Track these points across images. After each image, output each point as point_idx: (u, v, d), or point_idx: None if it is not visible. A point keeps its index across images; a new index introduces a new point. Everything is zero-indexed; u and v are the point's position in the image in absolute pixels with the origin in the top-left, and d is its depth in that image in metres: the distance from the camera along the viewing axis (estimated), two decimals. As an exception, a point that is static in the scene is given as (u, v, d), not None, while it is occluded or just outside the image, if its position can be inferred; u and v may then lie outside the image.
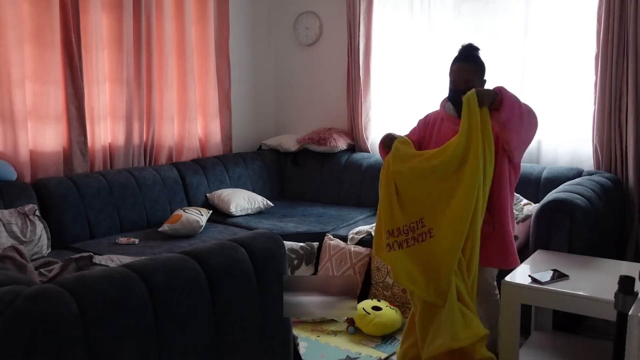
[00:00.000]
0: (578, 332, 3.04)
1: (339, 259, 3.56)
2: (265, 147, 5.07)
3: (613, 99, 3.52)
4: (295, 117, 5.22)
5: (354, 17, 4.54)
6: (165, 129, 4.29)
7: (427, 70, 4.31)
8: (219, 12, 4.66)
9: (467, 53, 2.62)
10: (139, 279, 1.52)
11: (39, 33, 3.50)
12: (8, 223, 3.09)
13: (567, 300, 2.33)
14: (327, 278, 3.31)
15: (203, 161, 4.47)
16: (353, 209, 4.32)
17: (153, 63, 4.13)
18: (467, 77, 2.55)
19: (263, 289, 1.83)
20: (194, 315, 1.61)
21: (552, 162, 3.89)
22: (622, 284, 1.45)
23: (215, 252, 1.75)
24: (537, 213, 2.99)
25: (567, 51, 3.78)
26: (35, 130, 3.57)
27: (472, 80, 2.54)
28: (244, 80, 5.05)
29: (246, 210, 4.19)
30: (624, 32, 3.44)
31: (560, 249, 2.86)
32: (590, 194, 3.04)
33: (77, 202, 3.53)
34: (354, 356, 2.93)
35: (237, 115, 4.96)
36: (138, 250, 3.31)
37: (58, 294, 1.36)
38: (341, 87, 4.82)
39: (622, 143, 3.54)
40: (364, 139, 4.67)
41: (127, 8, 3.90)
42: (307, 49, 5.06)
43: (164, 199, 4.02)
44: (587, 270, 2.60)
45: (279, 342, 1.92)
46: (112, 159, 4.00)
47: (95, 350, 1.38)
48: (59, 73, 3.61)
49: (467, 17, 4.17)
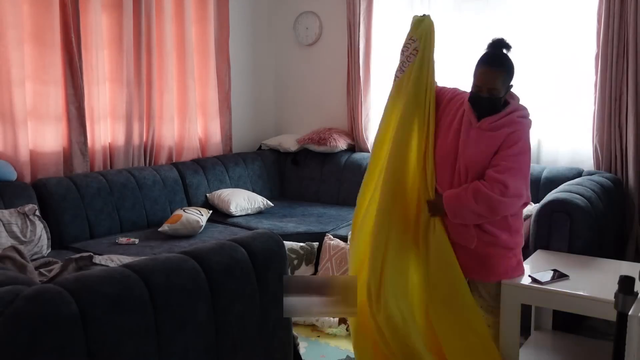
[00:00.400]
0: (578, 332, 3.04)
1: (339, 259, 3.55)
2: (265, 147, 5.07)
3: (613, 99, 3.52)
4: (295, 117, 5.22)
5: (354, 17, 4.54)
6: (165, 129, 4.29)
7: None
8: (219, 12, 4.66)
9: (497, 56, 2.41)
10: (139, 279, 1.52)
11: (39, 33, 3.50)
12: (8, 223, 3.09)
13: (567, 300, 2.33)
14: (327, 278, 3.31)
15: (203, 161, 4.47)
16: (353, 209, 4.29)
17: (153, 63, 4.13)
18: (492, 84, 2.35)
19: (263, 289, 1.83)
20: (194, 315, 1.61)
21: (552, 162, 3.89)
22: (622, 284, 1.45)
23: (215, 252, 1.75)
24: (537, 213, 2.99)
25: (567, 51, 3.78)
26: (35, 130, 3.57)
27: (497, 89, 2.36)
28: (244, 80, 5.05)
29: (246, 210, 4.19)
30: (624, 32, 3.44)
31: (560, 249, 2.86)
32: (590, 194, 3.04)
33: (77, 202, 3.53)
34: (354, 356, 2.92)
35: (237, 115, 4.96)
36: (138, 250, 3.31)
37: (58, 294, 1.36)
38: (341, 87, 4.82)
39: (622, 143, 3.54)
40: (364, 139, 4.67)
41: (127, 8, 3.90)
42: (307, 49, 5.06)
43: (164, 199, 4.02)
44: (587, 270, 2.60)
45: (279, 342, 1.92)
46: (112, 159, 4.00)
47: (95, 350, 1.38)
48: (59, 73, 3.61)
49: (467, 16, 4.17)
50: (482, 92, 2.38)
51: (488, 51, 2.44)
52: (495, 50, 2.43)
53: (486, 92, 2.37)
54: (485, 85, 2.37)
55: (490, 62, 2.39)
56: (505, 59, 2.41)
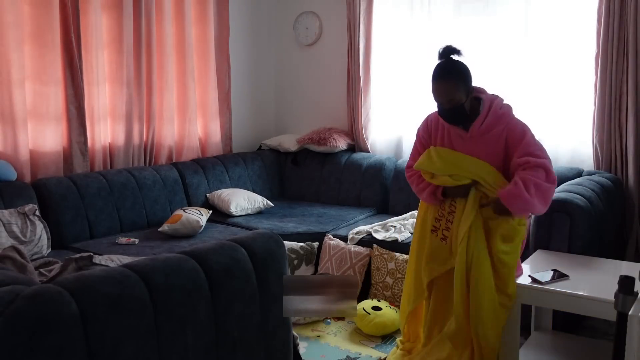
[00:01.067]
0: (578, 332, 3.04)
1: (339, 259, 3.56)
2: (265, 147, 5.07)
3: (613, 99, 3.52)
4: (295, 117, 5.22)
5: (354, 17, 4.54)
6: (165, 129, 4.29)
7: (428, 70, 4.23)
8: (219, 13, 4.66)
9: (445, 67, 2.44)
10: (139, 279, 1.52)
11: (39, 33, 3.50)
12: (8, 223, 3.10)
13: (567, 300, 2.33)
14: (327, 278, 3.31)
15: (203, 161, 4.47)
16: (353, 209, 4.32)
17: (153, 63, 4.13)
18: (448, 96, 2.40)
19: (263, 289, 1.83)
20: (194, 315, 1.61)
21: (552, 162, 3.81)
22: (622, 284, 1.45)
23: (215, 252, 1.75)
24: (537, 213, 2.99)
25: (567, 51, 3.78)
26: (35, 130, 3.57)
27: (456, 98, 2.40)
28: (244, 80, 5.05)
29: (246, 210, 4.19)
30: (624, 32, 3.44)
31: (560, 249, 2.86)
32: (590, 194, 3.04)
33: (77, 202, 3.53)
34: (354, 356, 2.93)
35: (237, 115, 4.96)
36: (138, 250, 3.31)
37: (58, 294, 1.36)
38: (341, 87, 4.82)
39: (622, 143, 3.54)
40: (364, 139, 4.67)
41: (127, 8, 3.90)
42: (307, 49, 5.06)
43: (164, 199, 4.02)
44: (587, 270, 2.60)
45: (279, 342, 1.92)
46: (112, 159, 4.00)
47: (95, 350, 1.38)
48: (59, 73, 3.61)
49: (467, 16, 4.18)
50: (444, 105, 2.44)
51: (437, 64, 2.47)
52: (444, 59, 2.46)
53: (447, 103, 2.42)
54: (443, 98, 2.42)
55: (438, 76, 2.44)
56: (452, 66, 2.44)
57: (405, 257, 3.36)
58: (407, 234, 3.58)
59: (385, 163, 4.42)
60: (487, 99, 2.49)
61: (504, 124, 2.46)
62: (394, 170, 4.38)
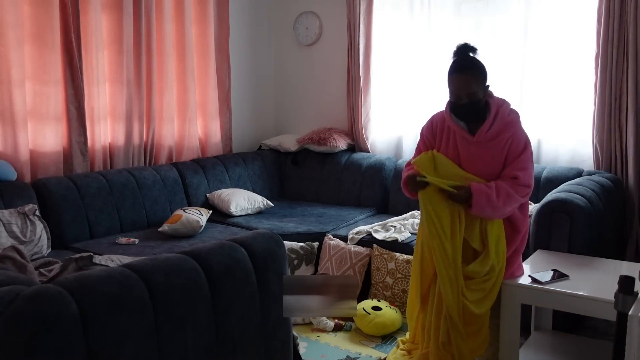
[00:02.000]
0: (578, 332, 3.04)
1: (339, 259, 3.56)
2: (265, 147, 5.07)
3: (613, 99, 3.52)
4: (295, 117, 5.22)
5: (354, 17, 4.54)
6: (165, 129, 4.29)
7: (428, 70, 4.31)
8: (218, 13, 4.66)
9: (465, 61, 2.40)
10: (139, 279, 1.52)
11: (39, 33, 3.50)
12: (8, 223, 3.09)
13: (567, 300, 2.33)
14: (327, 278, 3.31)
15: (203, 161, 4.47)
16: (353, 209, 4.32)
17: (153, 63, 4.13)
18: (468, 90, 2.36)
19: (263, 289, 1.83)
20: (194, 315, 1.61)
21: (552, 162, 3.89)
22: (622, 284, 1.45)
23: (215, 252, 1.75)
24: (537, 213, 2.99)
25: (567, 51, 3.78)
26: (35, 130, 3.57)
27: (475, 93, 2.37)
28: (244, 80, 5.05)
29: (246, 210, 4.19)
30: (624, 32, 3.44)
31: (560, 249, 2.86)
32: (590, 194, 3.04)
33: (77, 202, 3.53)
34: (354, 356, 2.93)
35: (237, 115, 4.96)
36: (138, 250, 3.31)
37: (58, 294, 1.35)
38: (341, 87, 4.82)
39: (622, 143, 3.54)
40: (364, 139, 4.67)
41: (127, 8, 3.90)
42: (307, 49, 5.06)
43: (164, 199, 4.02)
44: (587, 270, 2.60)
45: (279, 342, 1.92)
46: (112, 159, 4.00)
47: (95, 350, 1.38)
48: (59, 73, 3.61)
49: (467, 16, 4.18)
50: (461, 100, 2.39)
51: (455, 59, 2.43)
52: (462, 55, 2.42)
53: (465, 98, 2.38)
54: (462, 92, 2.37)
55: (460, 68, 2.39)
56: (474, 61, 2.41)
57: (405, 257, 3.36)
58: (407, 234, 3.58)
59: (385, 163, 4.42)
60: (494, 104, 2.46)
61: (511, 132, 2.43)
62: (394, 170, 4.38)
